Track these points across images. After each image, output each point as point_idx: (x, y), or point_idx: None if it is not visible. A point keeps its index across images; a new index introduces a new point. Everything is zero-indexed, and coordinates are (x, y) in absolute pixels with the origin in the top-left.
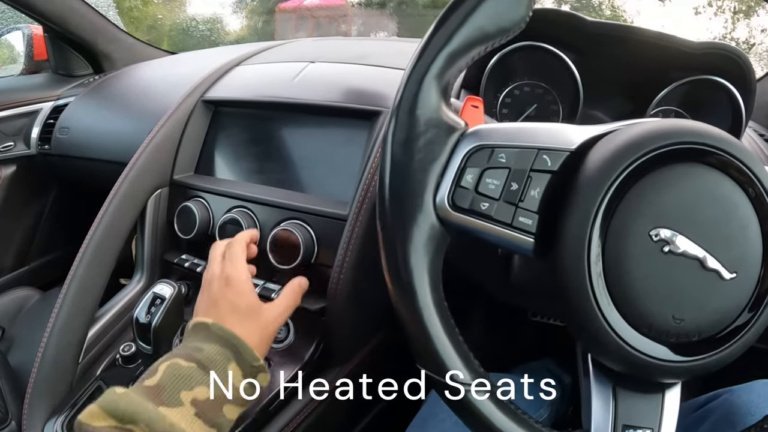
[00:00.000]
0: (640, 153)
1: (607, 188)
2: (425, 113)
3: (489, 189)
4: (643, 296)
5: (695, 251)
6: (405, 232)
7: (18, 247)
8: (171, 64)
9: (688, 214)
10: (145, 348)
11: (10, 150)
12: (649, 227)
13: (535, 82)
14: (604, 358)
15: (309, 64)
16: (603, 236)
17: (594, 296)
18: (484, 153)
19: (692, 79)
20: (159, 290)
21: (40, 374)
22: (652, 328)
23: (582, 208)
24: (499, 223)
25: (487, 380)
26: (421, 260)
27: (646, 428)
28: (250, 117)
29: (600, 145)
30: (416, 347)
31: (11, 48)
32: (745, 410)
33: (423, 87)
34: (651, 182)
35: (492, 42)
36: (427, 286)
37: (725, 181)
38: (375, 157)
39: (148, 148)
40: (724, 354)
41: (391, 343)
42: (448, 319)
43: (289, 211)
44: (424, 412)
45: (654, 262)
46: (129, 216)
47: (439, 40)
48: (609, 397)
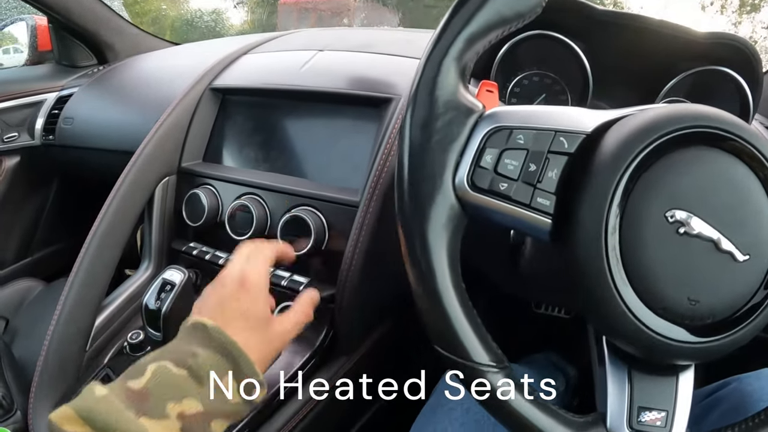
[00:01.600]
0: (655, 135)
1: (623, 170)
2: (444, 95)
3: (508, 169)
4: (659, 277)
5: (710, 233)
6: (424, 212)
7: (21, 238)
8: (175, 55)
9: (703, 196)
10: (154, 335)
11: (14, 141)
12: (664, 209)
13: (544, 71)
14: (620, 340)
15: (317, 52)
16: (619, 217)
17: (611, 277)
18: (502, 134)
19: (700, 70)
20: (169, 276)
21: (46, 363)
22: (667, 309)
23: (599, 190)
24: (518, 204)
25: (505, 362)
26: (440, 241)
27: (661, 410)
28: (259, 105)
29: (615, 128)
30: (434, 328)
31: (14, 40)
32: (756, 397)
33: (442, 69)
34: (666, 165)
35: (509, 26)
36: (446, 266)
37: (738, 166)
38: (386, 145)
39: (155, 136)
40: (737, 335)
41: (395, 336)
42: (466, 300)
43: (299, 198)
44: (433, 402)
45: (669, 243)
46: (137, 204)
47: (458, 23)
48: (624, 380)
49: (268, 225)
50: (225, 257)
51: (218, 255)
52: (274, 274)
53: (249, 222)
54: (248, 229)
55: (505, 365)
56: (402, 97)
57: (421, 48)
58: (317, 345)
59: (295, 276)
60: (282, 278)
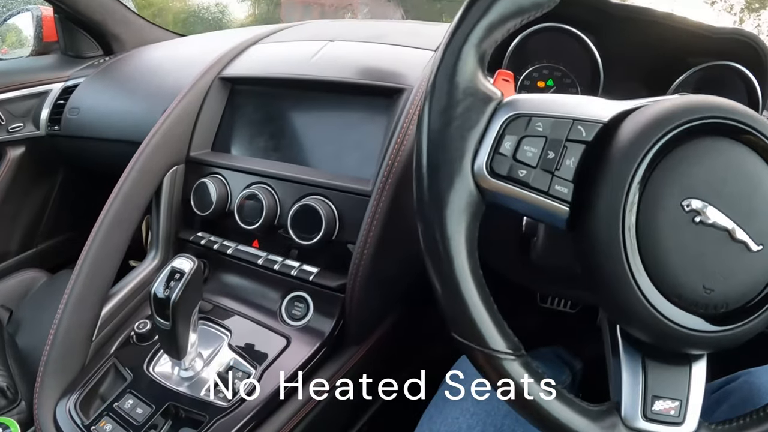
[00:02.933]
0: (671, 126)
1: (640, 159)
2: (463, 81)
3: (527, 156)
4: (675, 265)
5: (725, 222)
6: (443, 198)
7: (25, 229)
8: (181, 46)
9: (718, 186)
10: (162, 324)
11: (19, 131)
12: (680, 198)
13: (554, 64)
14: (635, 328)
15: (328, 42)
16: (636, 206)
17: (628, 264)
18: (521, 121)
19: (709, 65)
20: (178, 265)
21: (52, 353)
22: (682, 297)
23: (616, 179)
24: (536, 191)
25: (522, 350)
26: (458, 227)
27: (675, 399)
28: (268, 95)
29: (632, 118)
30: (451, 314)
31: (19, 32)
32: (765, 390)
33: (462, 56)
34: (681, 155)
35: (527, 15)
36: (465, 252)
37: (752, 157)
38: (399, 135)
39: (164, 125)
40: (750, 325)
41: (405, 326)
42: (484, 287)
43: (309, 187)
44: (443, 392)
45: (685, 232)
46: (144, 193)
47: (477, 10)
48: (638, 369)
49: (278, 214)
50: (233, 247)
51: (227, 245)
52: (284, 263)
53: (258, 211)
54: (258, 219)
55: (521, 353)
56: (414, 88)
57: (430, 39)
58: (327, 335)
59: (305, 266)
60: (292, 268)
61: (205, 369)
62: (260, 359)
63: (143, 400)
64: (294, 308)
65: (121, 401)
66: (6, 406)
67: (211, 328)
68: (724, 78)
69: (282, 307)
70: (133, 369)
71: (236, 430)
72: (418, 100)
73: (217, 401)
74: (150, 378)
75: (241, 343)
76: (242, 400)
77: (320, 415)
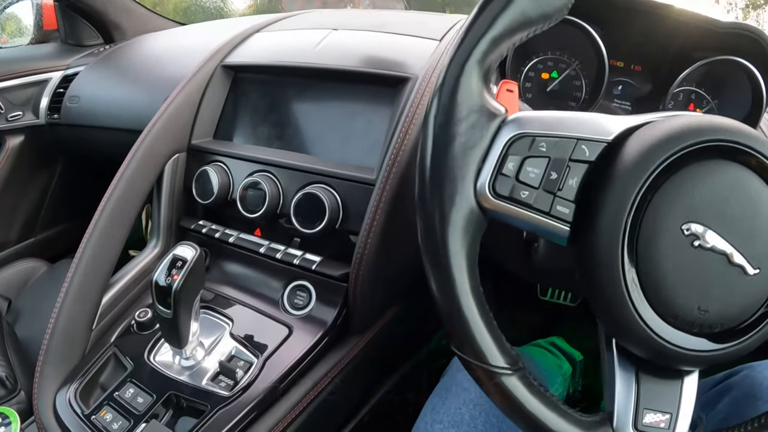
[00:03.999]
0: (675, 149)
1: (642, 182)
2: (466, 98)
3: (529, 177)
4: (672, 287)
5: (723, 246)
6: (444, 216)
7: (25, 218)
8: (182, 35)
9: (719, 210)
10: (164, 312)
11: (19, 120)
12: (681, 221)
13: (558, 56)
14: (630, 345)
15: (332, 31)
16: (636, 227)
17: (625, 285)
18: (525, 141)
19: (714, 60)
20: (180, 252)
21: (52, 342)
22: (677, 318)
23: (617, 200)
24: (538, 211)
25: (519, 363)
26: (459, 245)
27: (666, 412)
28: (271, 83)
29: (636, 137)
30: (452, 331)
31: (18, 20)
32: (766, 385)
33: (465, 71)
34: (684, 177)
35: (534, 28)
36: (465, 270)
37: (756, 181)
38: (403, 124)
39: (166, 112)
40: (743, 345)
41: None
42: (483, 304)
43: (313, 175)
44: (446, 382)
45: (684, 255)
46: (146, 181)
47: (482, 24)
48: (632, 382)
49: (281, 203)
50: (235, 235)
51: (228, 233)
52: (286, 252)
53: (261, 199)
54: (260, 207)
55: (518, 367)
56: (419, 77)
57: (435, 29)
58: (330, 324)
59: (307, 254)
60: (295, 257)
61: (206, 358)
62: (262, 349)
63: (144, 389)
64: (296, 297)
65: (121, 390)
66: (5, 396)
67: (212, 317)
68: (728, 73)
69: (284, 296)
70: (133, 358)
71: (238, 419)
72: (423, 89)
73: (218, 391)
74: (151, 367)
75: (242, 332)
76: (244, 389)
77: (322, 405)
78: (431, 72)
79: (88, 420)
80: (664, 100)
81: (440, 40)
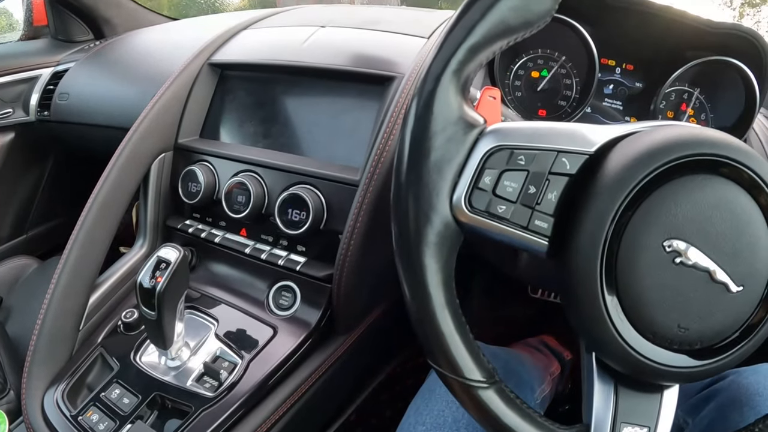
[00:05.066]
0: (659, 162)
1: (623, 198)
2: (443, 110)
3: (507, 192)
4: (652, 305)
5: (706, 263)
6: (419, 231)
7: (16, 216)
8: (173, 30)
9: (702, 226)
10: (148, 314)
11: (9, 117)
12: (662, 238)
13: (548, 54)
14: (609, 360)
15: (319, 28)
16: (616, 243)
17: (604, 301)
18: (503, 154)
19: (708, 59)
20: (164, 254)
21: (39, 342)
22: (656, 335)
23: (597, 215)
24: (515, 226)
25: (496, 377)
26: (434, 260)
27: (643, 426)
28: (258, 81)
29: (618, 149)
30: (428, 345)
31: (9, 16)
32: (752, 390)
33: (442, 82)
34: (667, 193)
35: (515, 36)
36: (441, 285)
37: (739, 194)
38: (388, 123)
39: (152, 111)
40: (723, 362)
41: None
42: (459, 317)
43: (298, 176)
44: (430, 384)
45: (665, 272)
46: (132, 180)
47: (459, 32)
48: (610, 394)
49: (266, 203)
50: (221, 235)
51: (214, 233)
52: (271, 253)
53: (246, 199)
54: (245, 207)
55: (495, 380)
56: (405, 76)
57: (425, 27)
58: (314, 325)
59: (292, 255)
60: (279, 257)
61: (192, 359)
62: (247, 349)
63: (130, 390)
64: (281, 298)
65: (107, 391)
66: None
67: (198, 317)
68: (721, 73)
69: (269, 297)
70: (120, 358)
71: (222, 420)
72: (409, 88)
73: (202, 392)
74: (137, 368)
75: (228, 332)
76: (228, 390)
77: (307, 405)
78: (417, 71)
79: (75, 421)
80: (656, 99)
81: (428, 38)
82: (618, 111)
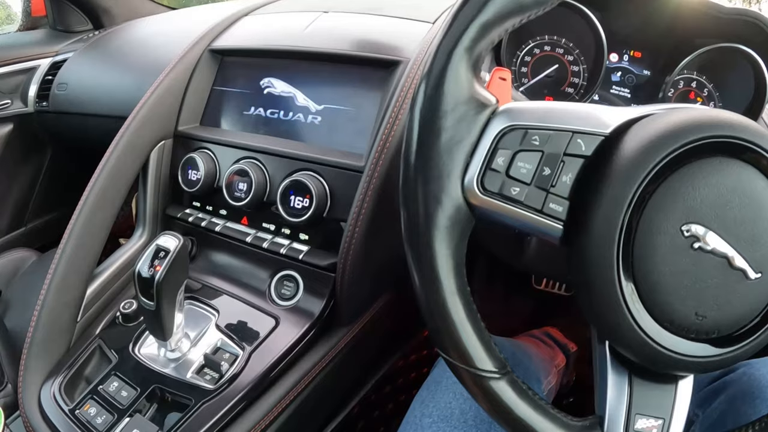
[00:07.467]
0: (676, 145)
1: (641, 180)
2: (454, 88)
3: (521, 173)
4: (670, 291)
5: (724, 249)
6: (429, 215)
7: (14, 208)
8: (172, 20)
9: (720, 210)
10: (147, 304)
11: (7, 108)
12: (681, 222)
13: (555, 41)
14: (624, 349)
15: (322, 14)
16: (633, 228)
17: (620, 288)
18: (516, 134)
19: (717, 47)
20: (163, 243)
21: (36, 335)
22: (673, 323)
23: (614, 198)
24: (529, 209)
25: (507, 367)
26: (445, 245)
27: (658, 417)
28: (259, 67)
29: (634, 131)
30: (437, 334)
31: (7, 7)
32: (764, 382)
33: (452, 60)
34: (685, 175)
35: (528, 13)
36: (452, 271)
37: (758, 179)
38: (393, 109)
39: (151, 98)
40: (741, 351)
41: (396, 307)
42: (471, 305)
43: (300, 162)
44: (437, 375)
45: (682, 257)
46: (131, 169)
47: (471, 8)
48: (624, 386)
49: (268, 190)
50: (222, 224)
51: (215, 222)
52: (273, 241)
53: (248, 187)
54: (247, 195)
55: (506, 371)
56: (410, 61)
57: (429, 12)
58: (317, 315)
59: (294, 244)
60: (281, 246)
61: (192, 350)
62: (248, 340)
63: (128, 382)
64: (283, 288)
65: (105, 384)
66: None
67: (198, 308)
68: (731, 60)
69: (271, 287)
70: (118, 350)
71: (222, 414)
72: (414, 73)
73: (203, 384)
74: (136, 360)
75: (228, 323)
76: (229, 382)
77: (309, 398)
78: (423, 56)
79: (72, 414)
80: (664, 87)
81: (433, 23)
82: (625, 99)
